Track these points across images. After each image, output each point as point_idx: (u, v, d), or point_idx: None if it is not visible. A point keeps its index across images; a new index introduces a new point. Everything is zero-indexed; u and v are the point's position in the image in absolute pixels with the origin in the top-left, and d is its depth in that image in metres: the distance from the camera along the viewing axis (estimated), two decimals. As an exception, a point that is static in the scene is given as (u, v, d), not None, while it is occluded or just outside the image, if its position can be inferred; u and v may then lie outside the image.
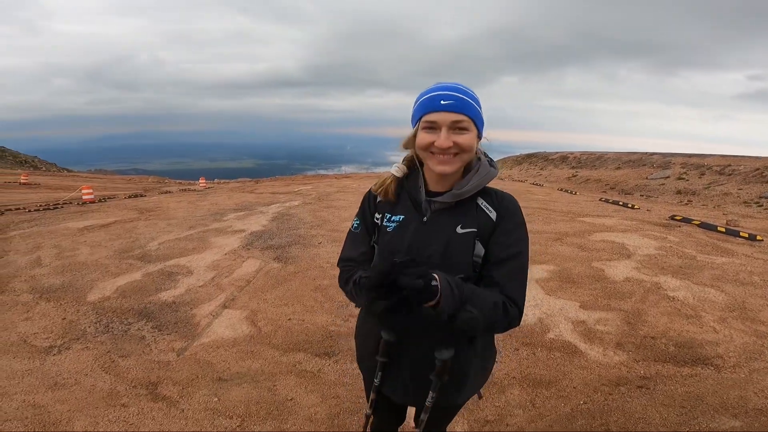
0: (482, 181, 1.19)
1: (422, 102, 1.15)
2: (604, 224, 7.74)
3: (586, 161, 23.91)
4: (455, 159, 1.14)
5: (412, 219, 1.23)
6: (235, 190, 14.99)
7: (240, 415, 2.38)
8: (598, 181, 18.95)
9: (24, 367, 2.84)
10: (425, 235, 1.20)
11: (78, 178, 25.01)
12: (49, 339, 3.23)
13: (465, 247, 1.17)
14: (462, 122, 1.11)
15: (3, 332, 3.32)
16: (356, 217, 1.38)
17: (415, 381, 1.26)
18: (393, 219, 1.26)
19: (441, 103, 1.10)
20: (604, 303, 4.03)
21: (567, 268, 5.00)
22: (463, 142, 1.12)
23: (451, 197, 1.18)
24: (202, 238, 6.45)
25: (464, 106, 1.11)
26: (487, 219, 1.19)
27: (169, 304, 3.93)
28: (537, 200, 11.46)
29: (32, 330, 3.37)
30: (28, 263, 5.19)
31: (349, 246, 1.37)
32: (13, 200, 12.29)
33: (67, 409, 2.39)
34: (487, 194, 1.23)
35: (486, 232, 1.19)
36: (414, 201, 1.25)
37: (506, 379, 2.80)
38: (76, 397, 2.51)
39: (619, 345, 3.26)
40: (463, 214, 1.20)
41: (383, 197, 1.30)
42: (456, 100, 1.11)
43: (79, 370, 2.80)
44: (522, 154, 33.11)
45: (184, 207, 10.11)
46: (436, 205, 1.21)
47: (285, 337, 3.30)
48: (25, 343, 3.17)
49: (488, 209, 1.20)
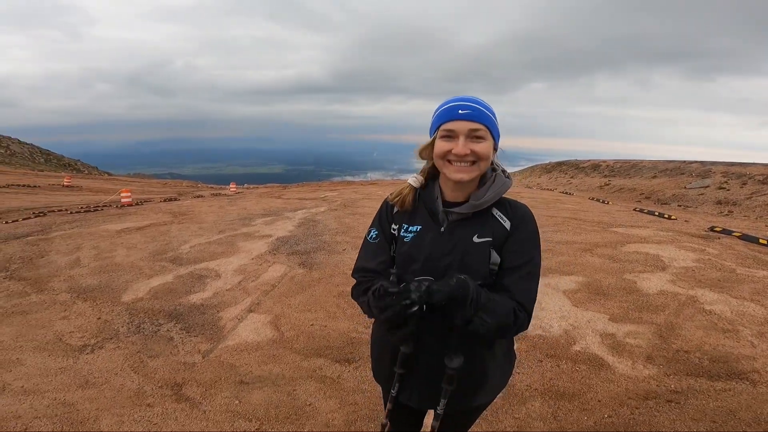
0: (498, 192, 1.23)
1: (441, 112, 1.19)
2: (638, 235, 7.46)
3: (619, 169, 23.17)
4: (472, 167, 1.17)
5: (429, 229, 1.26)
6: (263, 196, 15.32)
7: (259, 418, 2.42)
8: (633, 190, 18.31)
9: (58, 365, 2.98)
10: (442, 245, 1.22)
11: (117, 182, 26.20)
12: (84, 338, 3.39)
13: (482, 256, 1.20)
14: (479, 131, 1.15)
15: (40, 330, 3.51)
16: (372, 227, 1.39)
17: (430, 386, 1.26)
18: (410, 229, 1.28)
19: (459, 112, 1.15)
20: (635, 316, 3.88)
21: (597, 280, 4.85)
22: (480, 150, 1.16)
23: (469, 208, 1.21)
24: (231, 243, 6.62)
25: (481, 116, 1.16)
26: (501, 228, 1.22)
27: (198, 306, 4.06)
28: (566, 209, 11.17)
29: (68, 329, 3.55)
30: (67, 263, 5.47)
31: (366, 256, 1.36)
32: (57, 202, 12.99)
33: (95, 408, 2.50)
34: (501, 204, 1.27)
35: (500, 241, 1.22)
36: (431, 211, 1.28)
37: (528, 390, 2.74)
38: (104, 396, 2.62)
39: (649, 358, 3.14)
40: (479, 224, 1.23)
41: (400, 207, 1.32)
42: (473, 110, 1.15)
43: (109, 370, 2.92)
44: (551, 162, 32.40)
45: (214, 211, 10.42)
46: (453, 215, 1.24)
47: (307, 342, 3.34)
48: (61, 341, 3.33)
49: (502, 219, 1.24)
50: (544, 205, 11.68)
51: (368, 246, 1.37)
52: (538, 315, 3.86)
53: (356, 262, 1.38)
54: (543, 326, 3.65)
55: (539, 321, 3.74)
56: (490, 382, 1.30)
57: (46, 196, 14.96)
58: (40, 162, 44.04)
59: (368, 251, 1.36)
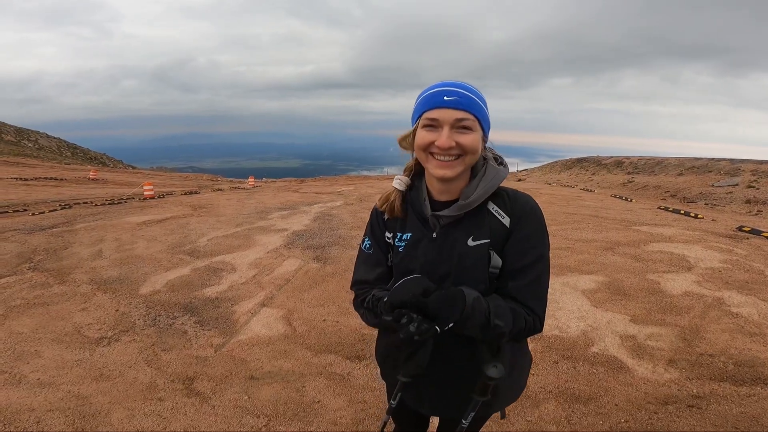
0: (490, 185, 1.08)
1: (424, 98, 1.05)
2: (663, 234, 7.22)
3: (643, 166, 22.52)
4: (457, 162, 1.03)
5: (421, 236, 1.14)
6: (280, 189, 15.45)
7: (267, 414, 2.41)
8: (657, 187, 17.77)
9: (74, 357, 3.03)
10: (436, 253, 1.11)
11: (140, 175, 26.85)
12: (101, 330, 3.44)
13: (479, 260, 1.07)
14: (466, 120, 1.01)
15: (60, 322, 3.58)
16: (365, 235, 1.28)
17: (440, 394, 1.20)
18: (403, 238, 1.17)
19: (444, 99, 1.01)
20: (658, 318, 3.75)
21: (618, 280, 4.70)
22: (466, 142, 1.01)
23: (457, 209, 1.07)
24: (248, 236, 6.68)
25: (469, 104, 1.01)
26: (499, 226, 1.08)
27: (212, 299, 4.09)
28: (587, 206, 10.91)
29: (87, 321, 3.61)
30: (90, 255, 5.60)
31: (361, 268, 1.26)
32: (82, 194, 13.37)
33: (108, 401, 2.52)
34: (499, 197, 1.11)
35: (500, 240, 1.08)
36: (420, 216, 1.15)
37: (542, 392, 2.66)
38: (117, 389, 2.64)
39: (671, 362, 3.02)
40: (474, 224, 1.09)
41: (389, 215, 1.20)
42: (461, 96, 1.01)
43: (124, 362, 2.96)
44: (572, 158, 31.74)
45: (233, 204, 10.55)
46: (443, 219, 1.10)
47: (318, 338, 3.33)
48: (79, 333, 3.39)
49: (500, 214, 1.09)
50: (564, 202, 11.44)
51: (364, 257, 1.27)
52: (555, 314, 3.76)
53: (354, 274, 1.28)
54: (560, 326, 3.55)
55: (556, 321, 3.64)
56: (504, 390, 1.20)
57: (72, 189, 15.42)
58: (68, 156, 45.49)
59: (365, 263, 1.26)
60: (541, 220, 1.11)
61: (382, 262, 1.23)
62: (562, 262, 5.27)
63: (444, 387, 1.19)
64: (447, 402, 1.20)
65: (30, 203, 10.73)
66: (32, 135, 48.01)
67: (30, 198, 11.80)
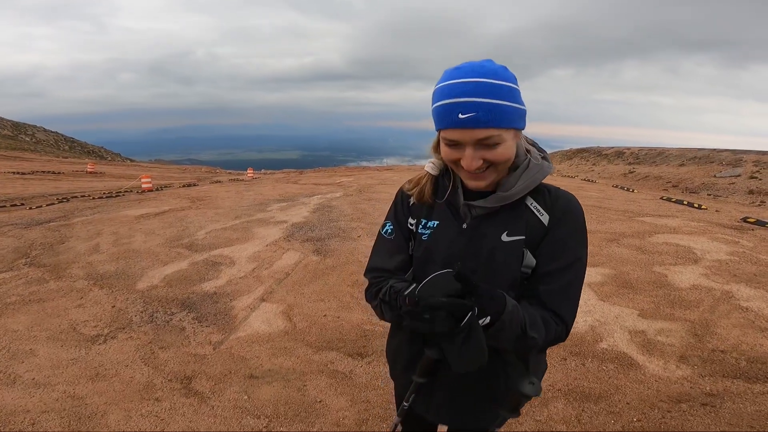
0: (533, 179, 0.98)
1: (437, 111, 0.91)
2: (668, 225, 7.14)
3: (645, 157, 22.38)
4: (489, 172, 0.94)
5: (449, 226, 1.05)
6: (279, 181, 15.33)
7: (268, 415, 2.33)
8: (659, 178, 17.66)
9: (70, 356, 2.94)
10: (464, 245, 1.01)
11: (139, 168, 26.64)
12: (97, 327, 3.35)
13: (513, 257, 0.98)
14: (491, 138, 0.88)
15: (55, 319, 3.48)
16: (387, 219, 1.18)
17: (452, 402, 1.11)
18: (428, 225, 1.07)
19: (460, 117, 0.86)
20: (667, 312, 3.67)
21: (624, 272, 4.62)
22: (495, 158, 0.91)
23: (495, 201, 0.98)
24: (246, 228, 6.58)
25: (491, 118, 0.86)
26: (537, 223, 0.99)
27: (211, 294, 4.00)
28: (590, 197, 10.81)
29: (83, 318, 3.51)
30: (87, 249, 5.50)
31: (380, 254, 1.15)
32: (80, 188, 13.24)
33: (104, 402, 2.43)
34: (539, 193, 1.02)
35: (536, 239, 0.98)
36: (451, 204, 1.06)
37: (551, 391, 2.58)
38: (114, 389, 2.56)
39: (682, 358, 2.95)
40: (510, 218, 1.00)
41: (418, 200, 1.10)
42: (479, 110, 0.85)
43: (120, 361, 2.87)
44: (572, 149, 31.61)
45: (231, 197, 10.44)
46: (477, 210, 1.01)
47: (319, 334, 3.24)
48: (75, 330, 3.29)
49: (539, 211, 1.00)
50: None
51: (384, 242, 1.16)
52: (562, 309, 3.69)
53: (370, 260, 1.17)
54: (567, 321, 3.48)
55: (563, 316, 3.57)
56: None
57: (70, 183, 15.27)
58: (65, 149, 45.22)
59: (384, 249, 1.15)
60: (582, 222, 1.01)
61: (404, 249, 1.13)
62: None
63: (455, 394, 1.10)
64: (456, 411, 1.12)
65: (27, 197, 10.61)
66: (29, 129, 47.72)
67: (27, 192, 11.68)
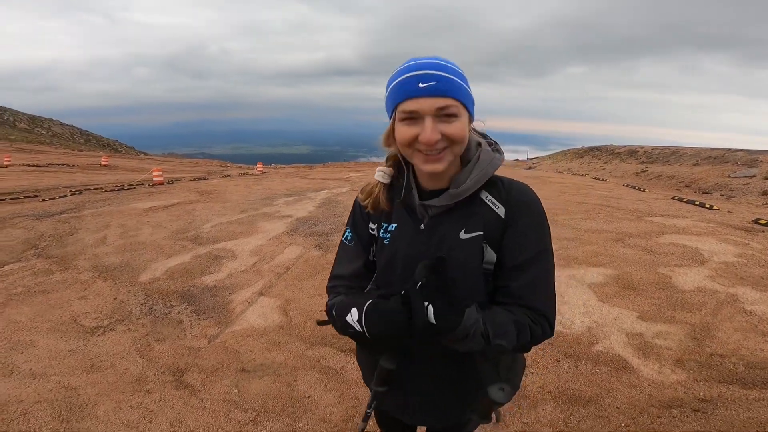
0: (484, 173, 0.97)
1: (396, 86, 0.91)
2: (676, 225, 7.02)
3: (657, 156, 22.01)
4: (445, 153, 0.91)
5: (408, 227, 1.04)
6: (288, 176, 15.42)
7: (256, 409, 2.36)
8: (672, 177, 17.36)
9: (68, 347, 3.00)
10: (424, 246, 1.00)
11: (152, 161, 27.03)
12: (98, 319, 3.42)
13: (472, 255, 0.96)
14: (449, 108, 0.88)
15: (58, 310, 3.56)
16: (347, 227, 1.17)
17: (426, 405, 1.11)
18: (389, 229, 1.06)
19: (420, 86, 0.87)
20: (667, 314, 3.62)
21: (627, 273, 4.56)
22: (453, 132, 0.89)
23: (448, 198, 0.97)
24: (251, 222, 6.65)
25: (450, 87, 0.88)
26: (494, 217, 0.97)
27: (210, 288, 4.05)
28: (598, 195, 10.67)
29: (84, 309, 3.59)
30: (94, 241, 5.61)
31: (341, 262, 1.15)
32: (93, 180, 13.48)
33: (96, 393, 2.48)
34: (493, 186, 1.00)
35: (495, 233, 0.97)
36: (407, 205, 1.05)
37: (540, 393, 2.57)
38: (107, 380, 2.61)
39: (679, 362, 2.91)
40: (466, 215, 0.98)
41: (373, 209, 1.09)
42: (439, 80, 0.87)
43: (116, 353, 2.92)
44: (584, 147, 31.23)
45: (240, 191, 10.54)
46: (432, 209, 1.00)
47: (314, 329, 3.26)
48: (75, 322, 3.36)
49: (494, 204, 0.98)
50: (574, 191, 11.22)
51: (344, 250, 1.16)
52: (560, 309, 3.65)
53: (332, 269, 1.16)
54: (563, 322, 3.44)
55: (560, 316, 3.53)
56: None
57: (84, 175, 15.56)
58: (81, 142, 46.05)
59: (344, 256, 1.15)
60: (541, 210, 0.99)
61: (361, 255, 1.12)
62: (569, 253, 5.13)
63: (429, 397, 1.10)
64: (430, 412, 1.12)
65: (41, 189, 10.83)
66: (45, 122, 48.65)
67: (42, 184, 11.92)
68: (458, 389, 1.07)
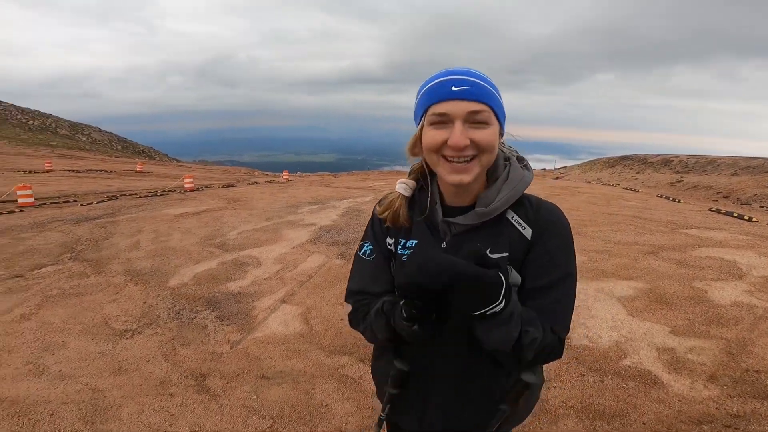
0: (514, 192, 0.94)
1: (428, 90, 0.89)
2: (713, 238, 6.71)
3: (694, 165, 21.20)
4: (473, 164, 0.88)
5: (428, 244, 0.99)
6: (313, 184, 15.62)
7: (273, 416, 2.38)
8: (709, 188, 16.67)
9: (97, 349, 3.10)
10: None
11: (183, 168, 27.95)
12: (127, 322, 3.54)
13: None
14: (481, 113, 0.86)
15: (90, 313, 3.70)
16: (364, 240, 1.11)
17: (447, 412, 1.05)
18: (407, 245, 1.01)
19: (453, 89, 0.85)
20: (702, 329, 3.46)
21: (659, 287, 4.39)
22: (482, 139, 0.86)
23: (475, 217, 0.93)
24: (276, 230, 6.76)
25: (483, 93, 0.86)
26: (519, 238, 0.94)
27: (235, 294, 4.14)
28: (629, 206, 10.33)
29: (115, 312, 3.72)
30: (128, 246, 5.83)
31: (362, 276, 1.08)
32: (129, 186, 14.05)
33: (121, 395, 2.55)
34: (520, 205, 0.97)
35: (520, 254, 0.93)
36: (428, 221, 1.00)
37: (563, 407, 2.49)
38: (133, 383, 2.68)
39: (712, 378, 2.78)
40: (492, 234, 0.94)
41: (392, 223, 1.04)
42: (472, 85, 0.86)
43: (142, 356, 3.01)
44: (615, 156, 30.38)
45: (266, 198, 10.75)
46: (456, 227, 0.96)
47: (334, 338, 3.28)
48: (106, 325, 3.49)
49: (521, 225, 0.95)
50: (604, 201, 10.90)
51: (364, 264, 1.09)
52: (587, 323, 3.55)
53: (350, 283, 1.10)
54: (590, 336, 3.34)
55: (587, 330, 3.43)
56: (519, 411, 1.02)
57: (121, 181, 16.24)
58: (118, 149, 48.08)
59: (365, 271, 1.08)
60: (569, 233, 0.96)
61: (387, 271, 1.06)
62: (598, 266, 4.99)
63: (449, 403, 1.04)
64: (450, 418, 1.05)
65: (80, 194, 11.38)
66: (85, 129, 51.07)
67: (80, 189, 12.51)
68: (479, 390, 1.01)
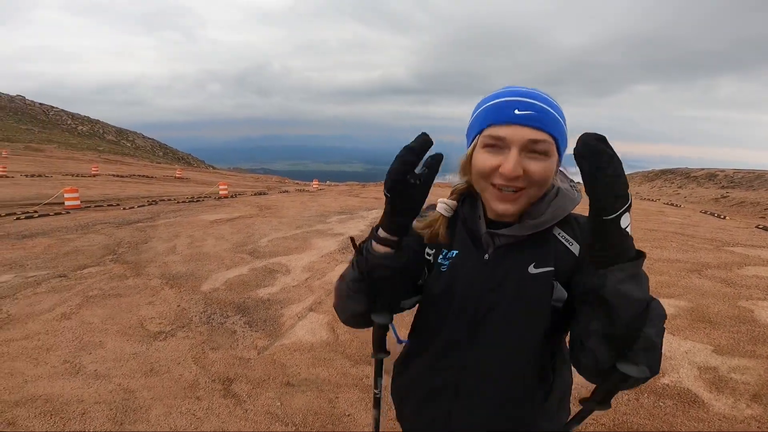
0: (563, 208, 0.90)
1: (487, 108, 0.83)
2: (761, 256, 6.33)
3: (740, 180, 20.09)
4: (521, 195, 0.83)
5: (470, 256, 0.94)
6: (342, 193, 15.79)
7: (296, 423, 2.38)
8: (756, 204, 15.73)
9: (132, 350, 3.19)
10: (486, 278, 0.91)
11: (219, 175, 28.91)
12: (161, 324, 3.64)
13: (542, 291, 0.88)
14: (542, 143, 0.79)
15: (127, 314, 3.82)
16: None
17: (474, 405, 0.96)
18: (449, 256, 0.96)
19: (515, 113, 0.79)
20: (747, 349, 3.28)
21: (703, 305, 4.17)
22: (537, 172, 0.80)
23: (523, 228, 0.89)
24: (305, 239, 6.86)
25: (548, 121, 0.80)
26: (567, 253, 0.90)
27: (264, 300, 4.20)
28: (671, 223, 9.89)
29: (150, 314, 3.83)
30: (165, 250, 6.05)
31: None
32: (168, 192, 14.65)
33: (151, 397, 2.61)
34: (567, 223, 0.93)
35: (567, 270, 0.89)
36: (471, 233, 0.96)
37: (593, 425, 2.39)
38: (163, 385, 2.74)
39: (755, 397, 2.64)
40: (537, 248, 0.90)
41: (429, 241, 0.99)
42: (538, 111, 0.80)
43: (174, 359, 3.07)
44: (655, 170, 29.21)
45: (296, 207, 10.96)
46: (501, 239, 0.92)
47: (359, 347, 3.27)
48: (141, 326, 3.60)
49: (568, 241, 0.91)
50: (644, 217, 10.48)
51: None
52: (622, 342, 3.40)
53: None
54: (627, 355, 3.20)
55: (623, 349, 3.29)
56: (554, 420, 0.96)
57: (161, 186, 16.97)
58: (159, 155, 50.33)
59: None
60: None
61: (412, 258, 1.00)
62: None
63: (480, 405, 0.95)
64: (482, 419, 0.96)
65: (123, 198, 11.95)
66: (130, 135, 53.79)
67: (124, 193, 13.16)
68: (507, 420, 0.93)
